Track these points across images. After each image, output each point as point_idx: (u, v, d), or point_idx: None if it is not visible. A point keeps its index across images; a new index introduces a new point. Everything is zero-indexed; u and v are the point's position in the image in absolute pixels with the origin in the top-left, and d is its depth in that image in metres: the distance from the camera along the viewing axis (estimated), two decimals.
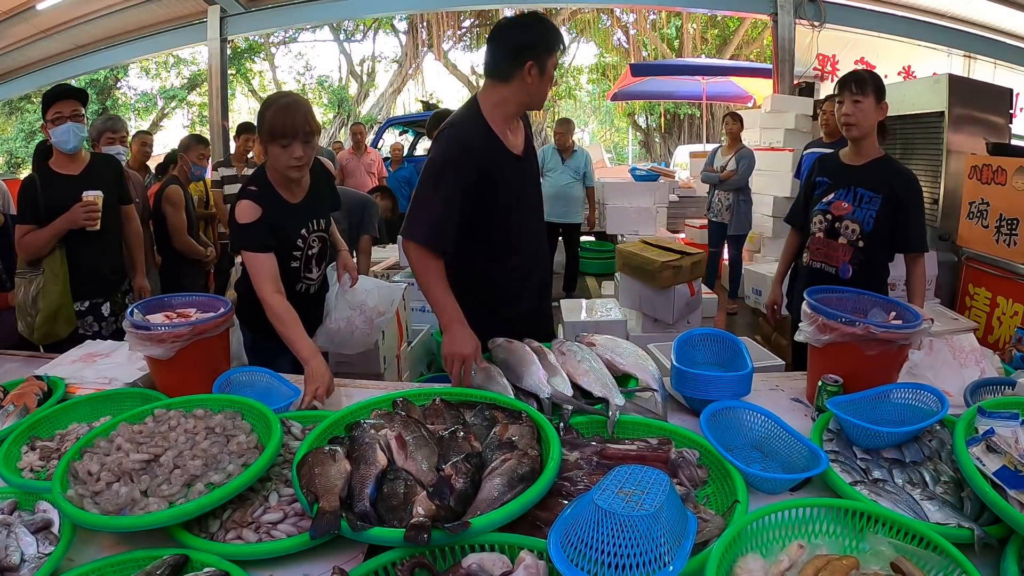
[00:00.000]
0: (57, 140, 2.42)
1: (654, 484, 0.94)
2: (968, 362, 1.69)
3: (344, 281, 2.20)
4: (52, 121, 2.41)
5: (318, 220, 2.02)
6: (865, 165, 2.25)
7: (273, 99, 1.86)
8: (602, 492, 0.92)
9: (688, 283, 3.67)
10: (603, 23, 17.11)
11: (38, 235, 2.40)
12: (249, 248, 1.81)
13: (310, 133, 1.82)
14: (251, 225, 1.81)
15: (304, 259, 1.99)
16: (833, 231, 2.29)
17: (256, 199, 1.84)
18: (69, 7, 6.65)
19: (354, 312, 2.19)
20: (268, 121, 1.80)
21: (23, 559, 1.04)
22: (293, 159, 1.82)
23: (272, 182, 1.91)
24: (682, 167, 10.66)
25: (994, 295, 3.62)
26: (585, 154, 5.75)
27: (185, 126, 18.06)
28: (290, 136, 1.79)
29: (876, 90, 2.18)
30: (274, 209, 1.87)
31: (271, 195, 1.89)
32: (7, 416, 1.49)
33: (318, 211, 2.02)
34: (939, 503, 1.12)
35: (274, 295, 1.78)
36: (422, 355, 3.80)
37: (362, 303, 2.21)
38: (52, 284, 2.43)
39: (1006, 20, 6.60)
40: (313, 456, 1.16)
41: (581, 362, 1.59)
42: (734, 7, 7.46)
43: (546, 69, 1.69)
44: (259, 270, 1.80)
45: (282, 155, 1.82)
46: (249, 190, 1.87)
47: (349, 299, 2.19)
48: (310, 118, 1.83)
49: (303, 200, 1.97)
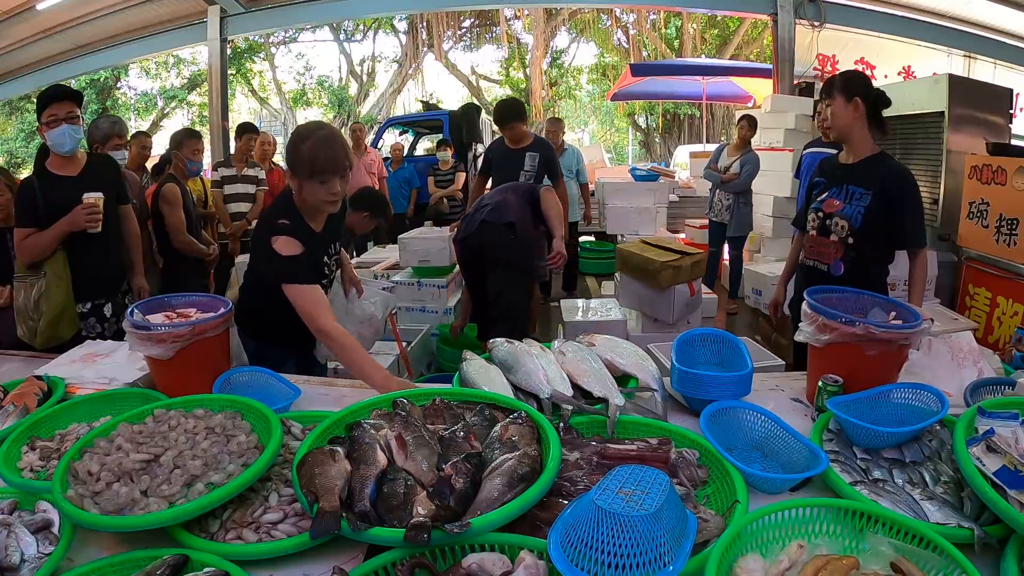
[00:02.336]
0: (53, 143, 2.40)
1: (654, 484, 0.94)
2: (966, 362, 1.69)
3: (352, 295, 2.22)
4: (47, 124, 2.37)
5: (335, 245, 2.02)
6: (858, 163, 2.25)
7: (309, 131, 1.79)
8: (602, 492, 0.92)
9: (688, 283, 3.66)
10: (603, 23, 17.12)
11: (39, 238, 2.38)
12: (299, 281, 1.74)
13: (348, 168, 1.79)
14: (296, 258, 1.75)
15: (325, 286, 1.99)
16: (825, 228, 2.30)
17: (293, 234, 1.77)
18: (69, 7, 6.65)
19: (363, 326, 2.21)
20: (307, 156, 1.74)
21: (23, 559, 1.04)
22: (331, 195, 1.78)
23: (301, 212, 1.86)
24: (682, 167, 10.66)
25: (994, 295, 3.62)
26: (576, 152, 5.77)
27: (185, 126, 18.06)
28: (330, 173, 1.75)
29: (844, 90, 2.18)
30: (307, 239, 1.82)
31: (302, 226, 1.84)
32: (7, 416, 1.49)
33: (334, 236, 2.01)
34: (939, 503, 1.12)
35: (335, 325, 1.71)
36: (422, 355, 3.80)
37: (371, 316, 2.23)
38: (55, 287, 2.41)
39: (1006, 20, 6.60)
40: (313, 456, 1.15)
41: (581, 362, 1.59)
42: (734, 7, 7.47)
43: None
44: (313, 302, 1.73)
45: (320, 190, 1.77)
46: (282, 224, 1.80)
47: (358, 314, 2.20)
48: (348, 152, 1.79)
49: (324, 227, 1.94)
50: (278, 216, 1.84)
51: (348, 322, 2.18)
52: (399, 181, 7.40)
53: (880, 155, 2.26)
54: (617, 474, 0.97)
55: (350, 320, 2.20)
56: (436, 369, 3.86)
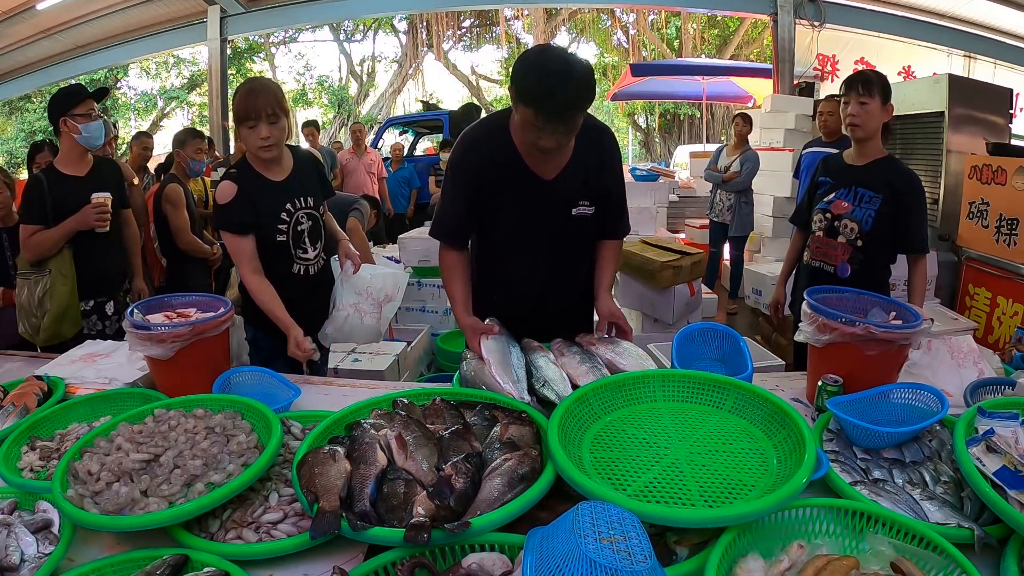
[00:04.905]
0: (88, 135, 2.45)
1: (627, 524, 0.86)
2: (966, 363, 1.69)
3: (347, 268, 2.20)
4: (84, 116, 2.43)
5: (304, 198, 2.05)
6: (867, 165, 2.25)
7: (242, 84, 1.95)
8: (587, 541, 0.81)
9: (688, 283, 3.67)
10: (603, 23, 17.13)
11: (46, 235, 2.40)
12: (227, 228, 1.91)
13: (274, 114, 1.88)
14: (228, 205, 1.90)
15: (292, 234, 2.01)
16: (832, 230, 2.29)
17: (234, 178, 1.93)
18: (69, 7, 6.66)
19: (360, 297, 2.17)
20: (235, 105, 1.91)
21: (23, 559, 1.04)
22: (260, 139, 1.88)
23: (252, 163, 1.99)
24: (682, 167, 10.67)
25: (994, 295, 3.62)
26: None
27: (185, 126, 18.06)
28: (254, 117, 1.86)
29: (883, 92, 2.18)
30: (254, 186, 1.94)
31: (251, 174, 1.97)
32: (7, 416, 1.49)
33: (304, 190, 2.06)
34: (939, 503, 1.12)
35: (252, 275, 1.92)
36: (422, 355, 3.80)
37: (367, 287, 2.19)
38: (61, 284, 2.43)
39: (1006, 20, 6.60)
40: (313, 456, 1.15)
41: (581, 362, 1.58)
42: (734, 7, 7.48)
43: (520, 115, 1.52)
44: (237, 251, 1.92)
45: (250, 136, 1.89)
46: (230, 172, 1.97)
47: (354, 285, 2.18)
48: (275, 100, 1.88)
49: (287, 179, 2.03)
50: (231, 166, 2.01)
51: (344, 294, 2.16)
52: (399, 181, 7.40)
53: (889, 158, 2.26)
54: (582, 517, 0.86)
55: (347, 292, 2.17)
56: (436, 369, 3.86)
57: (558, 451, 1.12)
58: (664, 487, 1.10)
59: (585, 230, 1.81)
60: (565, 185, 1.72)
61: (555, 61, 1.45)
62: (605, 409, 1.35)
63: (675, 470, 1.15)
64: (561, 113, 1.44)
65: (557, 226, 1.77)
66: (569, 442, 1.20)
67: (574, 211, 1.74)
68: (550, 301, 1.86)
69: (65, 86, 2.55)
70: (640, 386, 1.40)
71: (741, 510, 0.99)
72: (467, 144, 1.74)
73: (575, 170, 1.72)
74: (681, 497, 1.08)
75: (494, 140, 1.70)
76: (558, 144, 1.53)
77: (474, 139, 1.75)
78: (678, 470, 1.15)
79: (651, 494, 1.08)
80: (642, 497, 1.07)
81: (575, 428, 1.27)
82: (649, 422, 1.31)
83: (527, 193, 1.72)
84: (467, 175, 1.72)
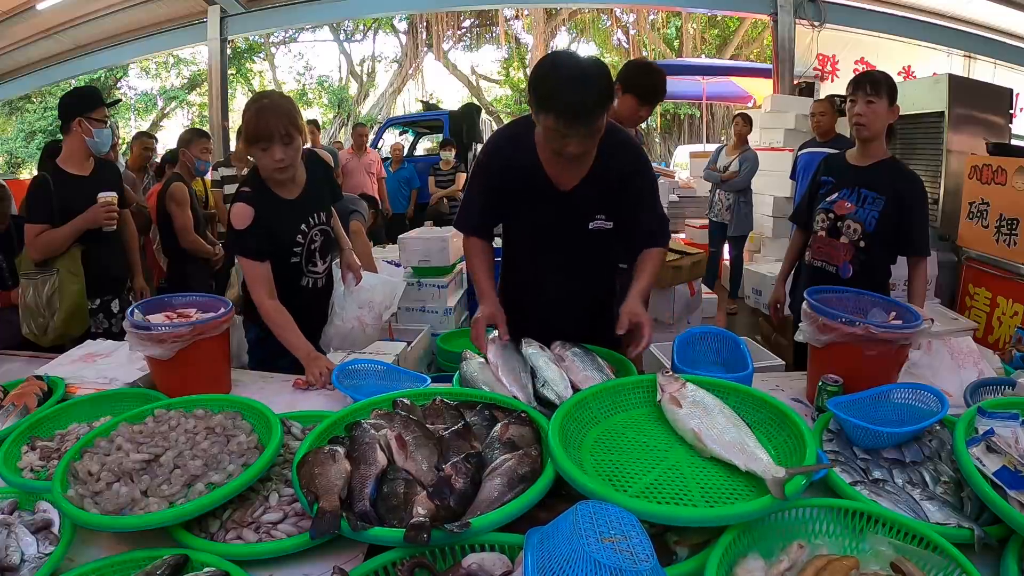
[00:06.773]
0: (99, 141, 2.48)
1: (627, 524, 0.86)
2: (966, 362, 1.69)
3: (349, 281, 2.21)
4: (101, 121, 2.46)
5: (318, 214, 2.01)
6: (871, 166, 2.24)
7: (253, 101, 1.83)
8: (587, 540, 0.82)
9: (688, 283, 3.67)
10: (603, 23, 17.12)
11: (54, 234, 2.40)
12: (244, 255, 1.85)
13: (287, 135, 1.77)
14: (245, 231, 1.82)
15: (305, 254, 1.99)
16: (835, 230, 2.29)
17: (249, 200, 1.84)
18: (69, 7, 6.66)
19: (363, 310, 2.20)
20: (245, 125, 1.79)
21: (23, 559, 1.04)
22: (275, 162, 1.79)
23: (266, 181, 1.89)
24: (682, 167, 10.67)
25: (994, 295, 3.62)
26: None
27: (185, 126, 18.06)
28: (266, 140, 1.76)
29: (890, 93, 2.18)
30: (269, 208, 1.86)
31: (265, 194, 1.88)
32: (7, 416, 1.49)
33: (317, 204, 2.01)
34: (939, 503, 1.12)
35: (267, 300, 1.86)
36: (422, 355, 3.80)
37: (369, 300, 2.22)
38: (70, 284, 2.43)
39: (1006, 20, 6.60)
40: (313, 456, 1.15)
41: (582, 364, 1.58)
42: (734, 7, 7.48)
43: (543, 123, 1.49)
44: (253, 276, 1.86)
45: (264, 158, 1.80)
46: (243, 192, 1.87)
47: (357, 298, 2.20)
48: (287, 119, 1.77)
49: (300, 195, 1.96)
50: (244, 184, 1.91)
51: (348, 308, 2.18)
52: (399, 181, 7.40)
53: (892, 160, 2.26)
54: (583, 516, 0.86)
55: (350, 306, 2.19)
56: (436, 369, 3.86)
57: (558, 451, 1.12)
58: (665, 488, 1.10)
59: (602, 247, 1.75)
60: (582, 196, 1.68)
61: (570, 66, 1.45)
62: (605, 413, 1.36)
63: (676, 472, 1.15)
64: (582, 115, 1.43)
65: (572, 240, 1.72)
66: (569, 445, 1.20)
67: (591, 225, 1.69)
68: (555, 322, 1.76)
69: (81, 86, 2.60)
70: (640, 390, 1.40)
71: (742, 509, 1.00)
72: (495, 142, 1.76)
73: (594, 181, 1.67)
74: (682, 498, 1.08)
75: (519, 142, 1.68)
76: (584, 148, 1.51)
77: (501, 138, 1.77)
78: (679, 472, 1.15)
79: (652, 495, 1.09)
80: (643, 497, 1.07)
81: (575, 431, 1.27)
82: (649, 426, 1.31)
83: (542, 201, 1.69)
84: (490, 173, 1.74)
